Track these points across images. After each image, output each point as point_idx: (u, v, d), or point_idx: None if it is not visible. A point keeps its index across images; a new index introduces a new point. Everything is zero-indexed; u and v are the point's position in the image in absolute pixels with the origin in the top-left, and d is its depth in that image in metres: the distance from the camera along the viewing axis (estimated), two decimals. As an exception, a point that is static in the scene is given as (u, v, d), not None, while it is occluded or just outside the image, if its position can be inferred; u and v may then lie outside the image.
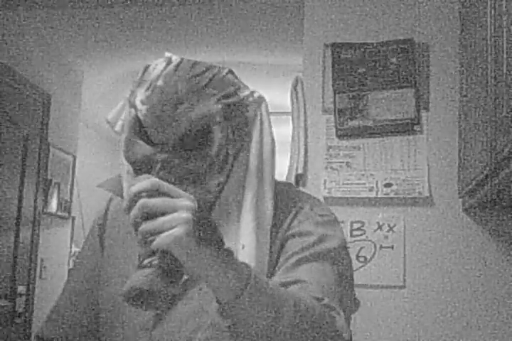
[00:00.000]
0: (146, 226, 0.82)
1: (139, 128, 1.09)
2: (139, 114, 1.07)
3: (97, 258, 1.25)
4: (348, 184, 2.51)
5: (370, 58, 2.54)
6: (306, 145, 2.56)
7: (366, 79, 2.53)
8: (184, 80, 1.07)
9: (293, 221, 1.14)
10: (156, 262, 0.81)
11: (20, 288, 3.51)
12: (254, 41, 3.85)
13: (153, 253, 0.83)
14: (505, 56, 1.50)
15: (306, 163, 2.55)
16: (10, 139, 3.48)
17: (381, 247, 2.46)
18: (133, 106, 1.09)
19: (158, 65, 1.10)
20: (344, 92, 2.54)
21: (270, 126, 1.18)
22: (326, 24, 2.63)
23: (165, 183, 0.86)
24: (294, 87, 2.62)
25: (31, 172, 3.69)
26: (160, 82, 1.07)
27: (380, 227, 2.47)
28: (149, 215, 0.83)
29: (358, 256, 2.46)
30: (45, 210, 3.85)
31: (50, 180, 3.92)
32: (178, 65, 1.09)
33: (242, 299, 0.87)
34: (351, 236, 2.48)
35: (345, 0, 2.63)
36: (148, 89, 1.07)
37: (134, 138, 1.09)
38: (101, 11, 3.41)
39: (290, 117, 2.64)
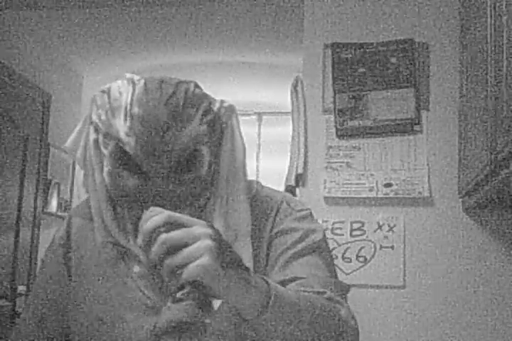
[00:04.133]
0: (173, 260, 0.82)
1: (123, 160, 1.06)
2: (127, 148, 1.03)
3: (62, 280, 1.21)
4: (348, 184, 2.51)
5: (370, 58, 2.54)
6: (306, 145, 2.56)
7: (366, 79, 2.53)
8: (161, 103, 1.03)
9: (275, 219, 1.16)
10: (190, 294, 0.82)
11: (20, 288, 3.51)
12: (254, 41, 3.85)
13: (183, 285, 0.83)
14: (505, 56, 1.50)
15: (306, 163, 2.55)
16: (10, 139, 3.48)
17: (381, 247, 2.46)
18: (117, 139, 1.04)
19: (122, 89, 1.06)
20: (344, 92, 2.54)
21: (241, 135, 1.16)
22: (326, 24, 2.63)
23: (177, 214, 0.87)
24: (294, 87, 2.62)
25: (31, 172, 3.69)
26: (136, 110, 1.03)
27: (380, 227, 2.47)
28: (172, 248, 0.83)
29: (358, 256, 2.46)
30: (45, 210, 3.85)
31: (50, 180, 3.92)
32: (146, 87, 1.05)
33: (266, 313, 0.89)
34: (351, 236, 2.48)
35: (345, 0, 2.63)
36: (126, 118, 1.03)
37: (119, 170, 1.06)
38: (101, 11, 3.41)
39: (290, 117, 2.64)
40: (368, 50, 2.55)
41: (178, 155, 1.04)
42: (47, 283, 1.23)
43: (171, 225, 0.85)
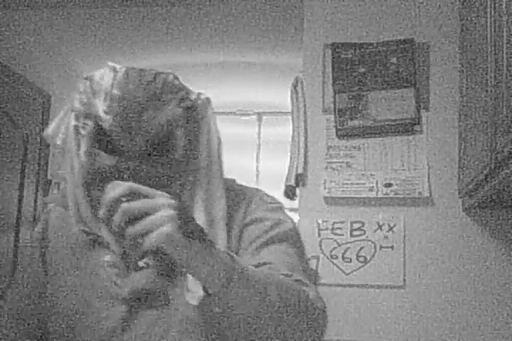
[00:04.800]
0: (135, 228, 0.84)
1: (99, 140, 1.10)
2: (105, 125, 1.07)
3: (39, 275, 1.23)
4: (348, 184, 2.51)
5: (370, 58, 2.54)
6: (306, 145, 2.56)
7: (366, 79, 2.53)
8: (140, 88, 1.09)
9: (247, 210, 1.20)
10: (151, 262, 0.82)
11: (20, 288, 3.51)
12: (254, 41, 3.85)
13: (145, 254, 0.83)
14: (505, 56, 1.50)
15: (306, 163, 2.55)
16: (10, 139, 3.48)
17: (381, 247, 2.46)
18: (95, 117, 1.09)
19: (104, 75, 1.12)
20: (344, 92, 2.54)
21: (216, 127, 1.21)
22: (326, 24, 2.63)
23: (139, 185, 0.88)
24: (294, 87, 2.62)
25: (31, 172, 3.69)
26: (116, 91, 1.08)
27: (380, 227, 2.47)
28: (132, 218, 0.84)
29: (358, 256, 2.46)
30: (45, 210, 3.85)
31: (50, 180, 3.92)
32: (127, 74, 1.11)
33: (230, 287, 0.90)
34: (351, 236, 2.48)
35: (345, 0, 2.63)
36: (105, 99, 1.08)
37: (95, 149, 1.10)
38: (101, 11, 3.41)
39: (290, 117, 2.64)
40: (368, 50, 2.55)
41: (153, 136, 1.08)
42: (24, 278, 1.25)
43: (132, 196, 0.85)
